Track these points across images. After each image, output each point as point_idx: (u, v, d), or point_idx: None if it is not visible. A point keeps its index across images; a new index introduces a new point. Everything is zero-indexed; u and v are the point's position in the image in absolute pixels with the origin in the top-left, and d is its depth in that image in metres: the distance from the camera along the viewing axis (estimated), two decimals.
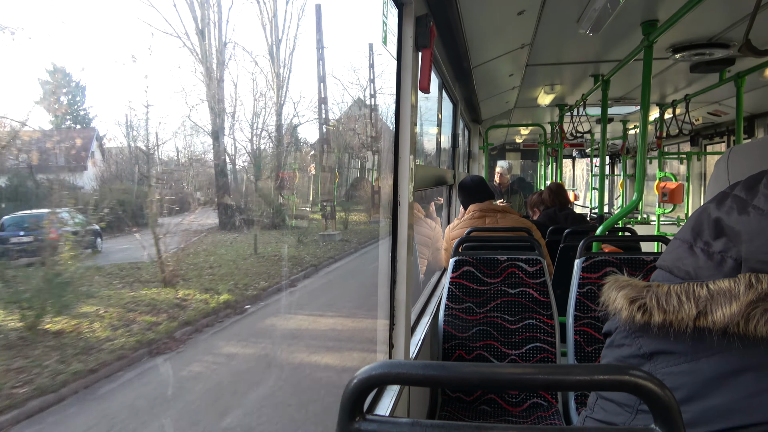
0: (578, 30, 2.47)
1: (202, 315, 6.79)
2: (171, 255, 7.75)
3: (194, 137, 11.96)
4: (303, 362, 6.55)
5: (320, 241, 12.65)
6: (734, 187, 0.71)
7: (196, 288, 7.45)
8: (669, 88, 4.22)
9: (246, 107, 16.89)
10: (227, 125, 12.46)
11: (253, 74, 18.11)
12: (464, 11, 2.17)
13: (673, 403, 0.53)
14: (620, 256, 2.39)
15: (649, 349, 0.70)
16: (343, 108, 17.44)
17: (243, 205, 11.83)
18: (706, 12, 2.23)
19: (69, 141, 8.06)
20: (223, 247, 9.98)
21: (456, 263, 2.50)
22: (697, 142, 6.46)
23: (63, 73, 8.57)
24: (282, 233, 12.23)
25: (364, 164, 17.26)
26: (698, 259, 0.69)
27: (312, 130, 21.10)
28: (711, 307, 0.64)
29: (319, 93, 14.84)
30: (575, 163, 11.52)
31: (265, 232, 11.71)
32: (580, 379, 0.56)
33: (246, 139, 13.70)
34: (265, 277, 8.88)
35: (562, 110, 5.27)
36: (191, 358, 6.02)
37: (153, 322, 6.09)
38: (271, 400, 5.34)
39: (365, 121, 17.11)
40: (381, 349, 1.76)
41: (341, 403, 0.60)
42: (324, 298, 9.36)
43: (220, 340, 6.72)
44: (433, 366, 0.60)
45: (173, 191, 9.68)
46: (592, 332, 2.32)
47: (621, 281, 0.73)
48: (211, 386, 5.61)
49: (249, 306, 7.73)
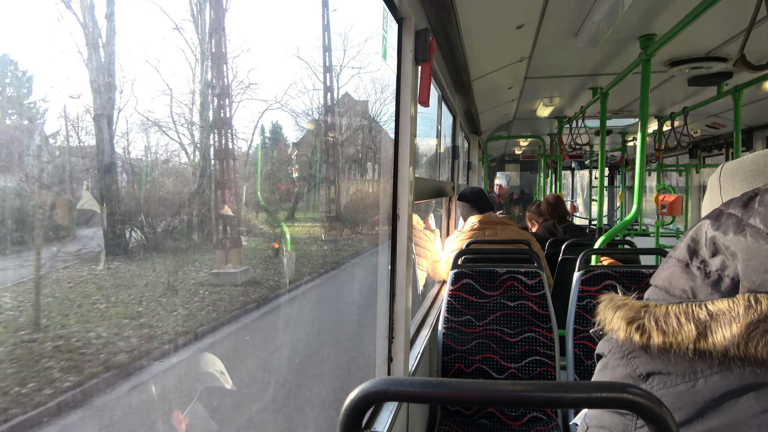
0: (576, 43, 2.49)
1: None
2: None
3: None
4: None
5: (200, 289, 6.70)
6: (729, 204, 0.71)
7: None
8: (667, 100, 4.24)
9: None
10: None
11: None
12: (463, 25, 2.19)
13: (672, 421, 0.53)
14: (619, 269, 2.38)
15: (645, 369, 0.69)
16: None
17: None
18: (704, 26, 2.24)
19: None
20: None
21: (455, 276, 2.50)
22: (695, 154, 6.48)
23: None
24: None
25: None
26: (695, 278, 0.69)
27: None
28: (711, 329, 0.63)
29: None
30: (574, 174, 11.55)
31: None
32: (578, 397, 0.56)
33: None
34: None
35: (561, 122, 5.29)
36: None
37: None
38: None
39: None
40: (380, 362, 1.75)
41: (340, 420, 0.60)
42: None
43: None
44: (432, 383, 0.60)
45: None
46: (592, 345, 2.31)
47: (617, 301, 0.72)
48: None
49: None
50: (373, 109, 16.69)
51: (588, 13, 2.16)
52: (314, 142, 13.85)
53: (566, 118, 5.13)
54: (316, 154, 13.57)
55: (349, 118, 15.95)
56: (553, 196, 4.14)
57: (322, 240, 11.54)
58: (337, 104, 14.89)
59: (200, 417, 4.79)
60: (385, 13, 1.62)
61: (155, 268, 6.50)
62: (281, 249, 9.58)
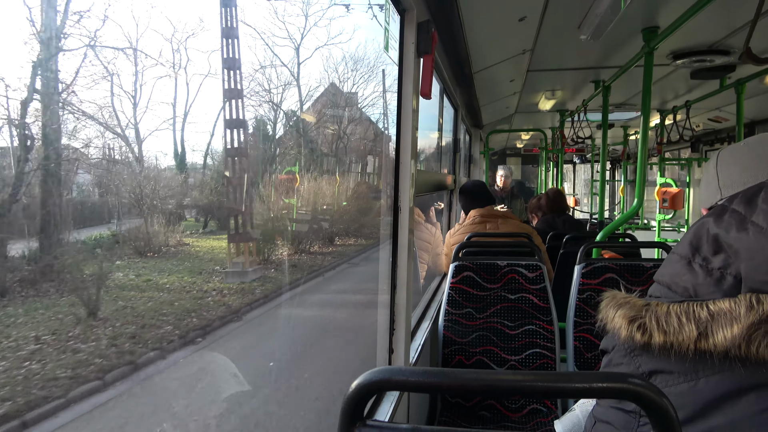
0: (579, 36, 2.48)
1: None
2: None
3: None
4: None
5: None
6: (732, 200, 0.70)
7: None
8: (669, 94, 4.23)
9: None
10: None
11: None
12: (466, 17, 2.18)
13: (672, 411, 0.54)
14: (620, 262, 2.39)
15: (648, 368, 0.70)
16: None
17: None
18: (707, 19, 2.23)
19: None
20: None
21: (456, 268, 2.50)
22: (697, 148, 6.46)
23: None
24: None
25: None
26: (697, 275, 0.68)
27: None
28: (712, 329, 0.63)
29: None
30: (576, 168, 11.52)
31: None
32: (579, 387, 0.56)
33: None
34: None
35: (563, 116, 5.28)
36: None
37: None
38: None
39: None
40: (381, 354, 1.76)
41: (341, 409, 0.60)
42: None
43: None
44: (434, 373, 0.60)
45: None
46: (592, 338, 2.32)
47: (619, 298, 0.72)
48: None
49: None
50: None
51: (591, 5, 2.15)
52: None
53: (568, 112, 5.12)
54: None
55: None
56: (553, 190, 4.14)
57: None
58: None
59: None
60: (388, 5, 1.61)
61: None
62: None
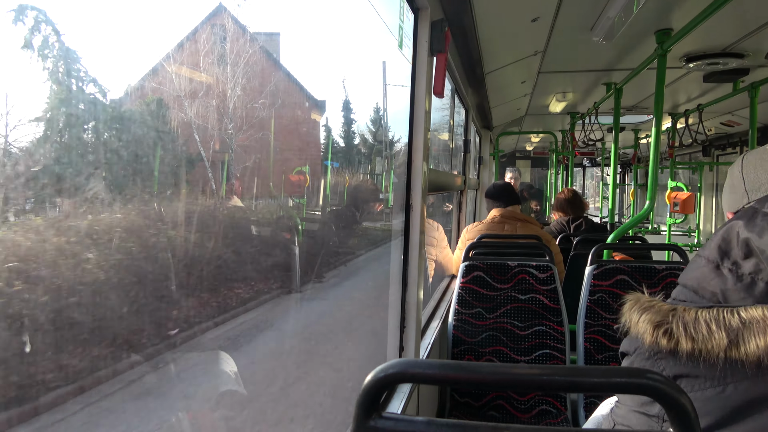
0: (591, 38, 2.47)
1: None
2: None
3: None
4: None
5: None
6: (764, 203, 0.68)
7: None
8: (682, 97, 4.20)
9: None
10: None
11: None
12: (479, 17, 2.18)
13: (691, 408, 0.53)
14: (632, 264, 2.37)
15: (672, 372, 0.68)
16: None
17: None
18: (721, 21, 2.22)
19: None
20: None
21: (466, 268, 2.50)
22: (709, 152, 6.41)
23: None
24: None
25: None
26: (726, 280, 0.66)
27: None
28: (744, 337, 0.61)
29: None
30: (585, 171, 11.47)
31: None
32: (597, 381, 0.56)
33: None
34: None
35: (573, 118, 5.26)
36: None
37: None
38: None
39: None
40: (391, 351, 1.76)
41: (358, 401, 0.60)
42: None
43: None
44: (450, 365, 0.60)
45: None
46: (603, 340, 2.31)
47: (643, 302, 0.70)
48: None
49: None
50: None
51: (604, 7, 2.14)
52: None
53: (579, 114, 5.09)
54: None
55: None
56: (570, 191, 4.05)
57: None
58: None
59: None
60: (402, 3, 1.62)
61: None
62: None
